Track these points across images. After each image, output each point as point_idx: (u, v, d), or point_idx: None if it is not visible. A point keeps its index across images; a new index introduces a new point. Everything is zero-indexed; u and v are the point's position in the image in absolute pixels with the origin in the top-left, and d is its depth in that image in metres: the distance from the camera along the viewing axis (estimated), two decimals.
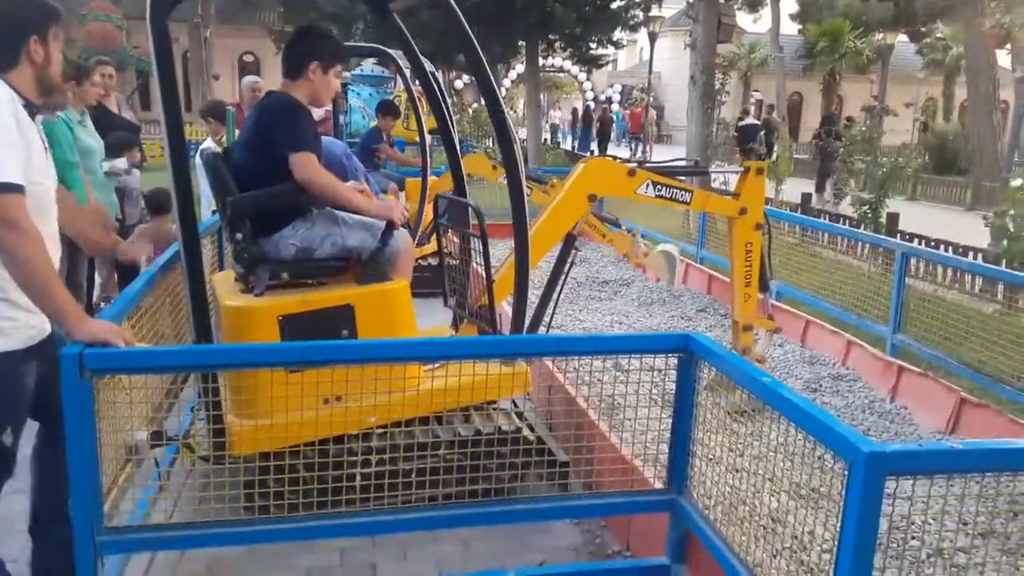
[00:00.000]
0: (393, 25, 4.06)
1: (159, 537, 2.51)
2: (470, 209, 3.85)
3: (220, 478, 2.62)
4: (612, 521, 3.56)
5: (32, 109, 2.44)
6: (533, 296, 4.10)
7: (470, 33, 3.31)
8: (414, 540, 3.34)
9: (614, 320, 6.91)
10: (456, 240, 4.28)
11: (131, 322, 3.00)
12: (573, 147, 30.38)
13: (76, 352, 2.23)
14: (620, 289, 8.07)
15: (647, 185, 4.24)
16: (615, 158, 4.57)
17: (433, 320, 4.98)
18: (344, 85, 12.60)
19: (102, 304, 5.88)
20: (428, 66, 4.67)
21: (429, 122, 7.40)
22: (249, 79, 8.16)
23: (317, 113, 7.24)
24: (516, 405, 3.90)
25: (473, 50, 3.34)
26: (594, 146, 31.07)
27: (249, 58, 35.80)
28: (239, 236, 3.27)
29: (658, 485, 2.96)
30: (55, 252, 2.51)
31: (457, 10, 3.27)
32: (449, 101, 4.56)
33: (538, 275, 5.39)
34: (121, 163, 5.64)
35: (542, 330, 4.30)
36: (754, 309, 4.69)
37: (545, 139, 28.22)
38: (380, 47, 7.08)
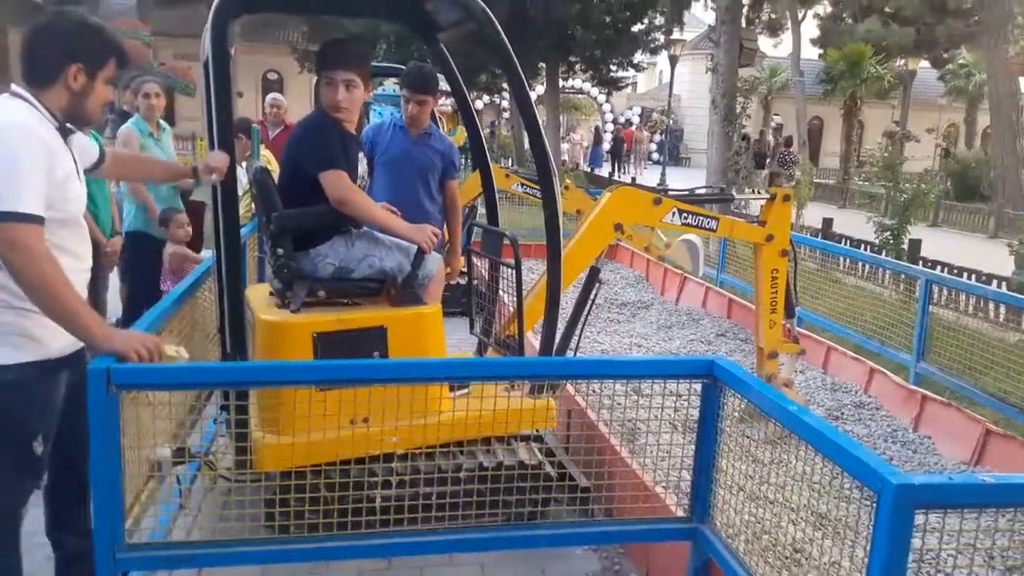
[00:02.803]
0: (438, 53, 4.12)
1: (179, 555, 2.51)
2: (505, 237, 3.86)
3: (241, 496, 2.62)
4: (631, 548, 3.53)
5: (66, 131, 2.46)
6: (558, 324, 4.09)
7: (516, 62, 3.36)
8: (431, 563, 3.32)
9: (633, 343, 6.88)
10: (484, 267, 4.29)
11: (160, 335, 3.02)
12: (591, 168, 30.65)
13: (103, 367, 2.24)
14: (639, 312, 8.04)
15: (673, 213, 4.24)
16: (633, 181, 4.57)
17: (450, 340, 4.97)
18: (366, 103, 12.79)
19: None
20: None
21: (455, 140, 7.47)
22: (270, 97, 8.23)
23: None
24: (537, 430, 3.88)
25: (518, 78, 3.40)
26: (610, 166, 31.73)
27: (273, 76, 36.14)
28: (280, 251, 3.30)
29: (680, 513, 2.92)
30: (83, 273, 2.54)
31: (505, 38, 3.30)
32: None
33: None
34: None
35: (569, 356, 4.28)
36: (779, 336, 4.66)
37: (564, 160, 28.34)
38: (404, 68, 7.15)
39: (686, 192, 4.70)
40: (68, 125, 2.48)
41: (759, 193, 15.52)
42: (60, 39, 2.41)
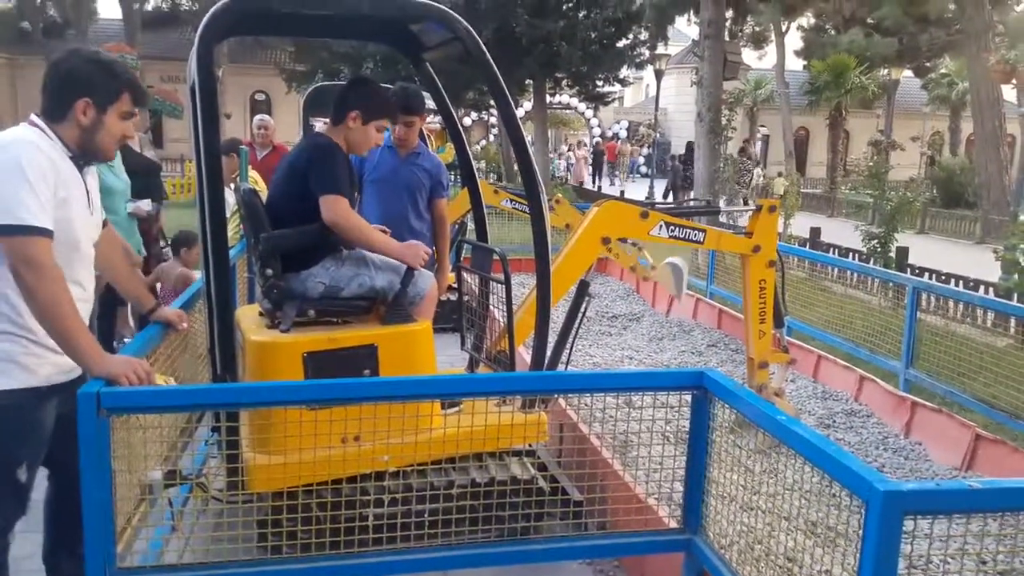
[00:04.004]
0: (425, 72, 4.16)
1: None
2: (495, 254, 3.88)
3: (233, 518, 2.61)
4: (626, 561, 3.53)
5: (80, 162, 2.50)
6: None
7: (500, 80, 3.39)
8: None
9: (624, 355, 6.89)
10: (475, 283, 4.31)
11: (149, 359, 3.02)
12: (581, 183, 30.80)
13: (93, 391, 2.24)
14: (630, 324, 8.07)
15: (660, 226, 4.27)
16: (621, 195, 4.61)
17: (441, 356, 4.99)
18: None
19: (125, 340, 5.89)
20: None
21: (443, 157, 7.52)
22: (257, 118, 8.25)
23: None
24: (530, 444, 3.89)
25: (503, 96, 3.43)
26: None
27: (260, 96, 36.24)
28: (269, 272, 3.31)
29: (673, 524, 2.93)
30: (86, 304, 2.54)
31: (489, 57, 3.33)
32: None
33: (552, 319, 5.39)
34: (145, 204, 5.70)
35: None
36: (769, 346, 4.68)
37: (554, 174, 28.46)
38: (390, 87, 7.21)
39: (673, 205, 4.74)
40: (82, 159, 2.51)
41: (742, 204, 15.63)
42: (69, 74, 2.45)
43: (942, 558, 3.20)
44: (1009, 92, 25.55)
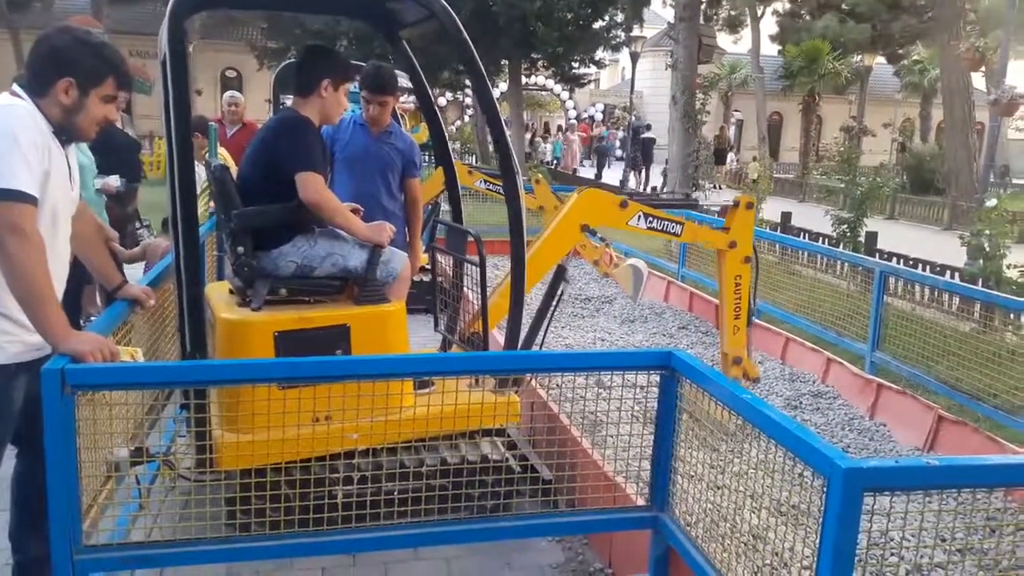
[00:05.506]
0: (400, 50, 4.12)
1: (139, 555, 2.49)
2: (469, 235, 3.87)
3: (201, 495, 2.61)
4: (594, 538, 3.57)
5: (63, 137, 2.47)
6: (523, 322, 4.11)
7: (477, 59, 3.38)
8: (395, 558, 3.33)
9: (597, 337, 6.93)
10: (449, 264, 4.30)
11: (115, 337, 2.99)
12: (554, 164, 30.79)
13: (58, 367, 2.22)
14: (603, 306, 8.11)
15: (638, 217, 4.28)
16: (597, 179, 4.62)
17: (415, 338, 4.98)
18: None
19: (92, 318, 5.81)
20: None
21: (418, 137, 7.47)
22: (228, 95, 8.12)
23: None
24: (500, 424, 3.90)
25: (479, 75, 3.41)
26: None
27: (232, 73, 35.70)
28: (240, 250, 3.27)
29: (640, 502, 2.97)
30: (60, 277, 2.51)
31: (466, 36, 3.31)
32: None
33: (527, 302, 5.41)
34: (114, 180, 5.59)
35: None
36: (743, 342, 4.70)
37: (528, 153, 28.39)
38: (363, 64, 7.14)
39: (650, 194, 4.76)
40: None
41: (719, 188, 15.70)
42: (53, 52, 2.43)
43: (902, 535, 3.28)
44: (979, 80, 25.88)
